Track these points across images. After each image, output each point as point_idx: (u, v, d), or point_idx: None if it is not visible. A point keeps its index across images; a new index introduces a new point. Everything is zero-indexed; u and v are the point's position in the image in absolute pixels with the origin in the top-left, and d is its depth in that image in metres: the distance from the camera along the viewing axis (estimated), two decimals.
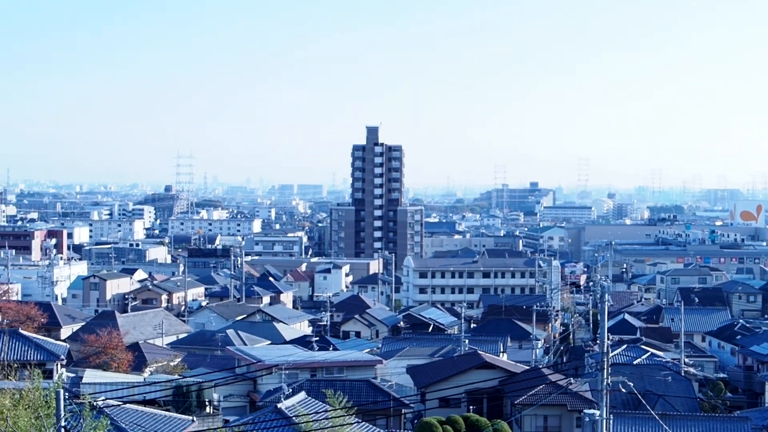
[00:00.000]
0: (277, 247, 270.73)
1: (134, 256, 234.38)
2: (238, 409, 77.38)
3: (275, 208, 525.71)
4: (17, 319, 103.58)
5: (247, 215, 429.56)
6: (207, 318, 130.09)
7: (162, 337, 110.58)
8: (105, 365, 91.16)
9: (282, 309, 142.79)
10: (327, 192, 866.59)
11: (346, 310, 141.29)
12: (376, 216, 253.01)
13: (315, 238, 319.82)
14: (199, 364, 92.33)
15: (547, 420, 71.59)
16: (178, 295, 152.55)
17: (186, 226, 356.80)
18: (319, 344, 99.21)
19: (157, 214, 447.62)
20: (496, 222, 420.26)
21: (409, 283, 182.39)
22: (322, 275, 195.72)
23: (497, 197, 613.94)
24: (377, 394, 71.13)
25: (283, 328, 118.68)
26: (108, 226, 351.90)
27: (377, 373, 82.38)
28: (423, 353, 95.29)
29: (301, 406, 53.31)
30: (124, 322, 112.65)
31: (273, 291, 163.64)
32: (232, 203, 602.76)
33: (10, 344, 77.74)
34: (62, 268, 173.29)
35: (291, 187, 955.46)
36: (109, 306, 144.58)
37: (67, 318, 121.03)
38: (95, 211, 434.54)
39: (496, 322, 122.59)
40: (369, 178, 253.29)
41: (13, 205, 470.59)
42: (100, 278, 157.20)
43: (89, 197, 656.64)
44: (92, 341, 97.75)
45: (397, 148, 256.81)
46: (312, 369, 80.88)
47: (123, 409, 53.75)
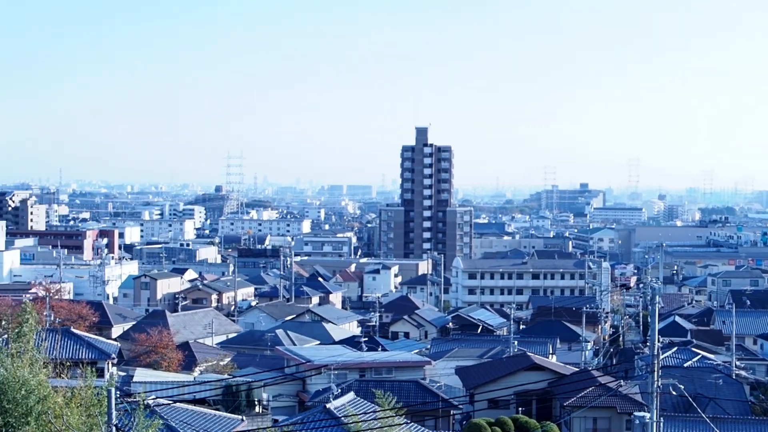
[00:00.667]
0: (326, 247, 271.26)
1: (185, 256, 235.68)
2: (287, 409, 77.55)
3: (325, 208, 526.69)
4: (69, 317, 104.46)
5: (296, 216, 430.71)
6: (256, 318, 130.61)
7: (212, 336, 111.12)
8: (155, 364, 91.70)
9: (331, 309, 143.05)
10: (376, 193, 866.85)
11: (395, 310, 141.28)
12: (426, 217, 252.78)
13: (364, 239, 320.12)
14: (248, 364, 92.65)
15: (597, 422, 71.17)
16: (227, 295, 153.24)
17: (236, 226, 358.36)
18: (368, 345, 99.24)
19: (207, 215, 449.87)
20: (546, 223, 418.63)
21: (458, 284, 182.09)
22: (371, 276, 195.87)
23: (547, 198, 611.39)
24: (426, 394, 71.08)
25: (332, 328, 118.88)
26: (159, 226, 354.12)
27: (426, 373, 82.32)
28: (472, 354, 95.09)
29: (350, 406, 53.35)
30: (174, 321, 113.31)
31: (322, 291, 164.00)
32: (281, 203, 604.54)
33: (63, 343, 78.39)
34: (113, 267, 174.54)
35: (340, 187, 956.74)
36: (159, 305, 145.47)
37: (118, 317, 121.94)
38: (146, 211, 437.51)
39: (545, 323, 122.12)
40: (418, 178, 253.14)
41: (65, 205, 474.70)
42: (151, 278, 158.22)
43: (140, 197, 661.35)
44: (143, 340, 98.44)
45: (446, 149, 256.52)
46: (361, 369, 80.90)
47: (173, 408, 54.04)
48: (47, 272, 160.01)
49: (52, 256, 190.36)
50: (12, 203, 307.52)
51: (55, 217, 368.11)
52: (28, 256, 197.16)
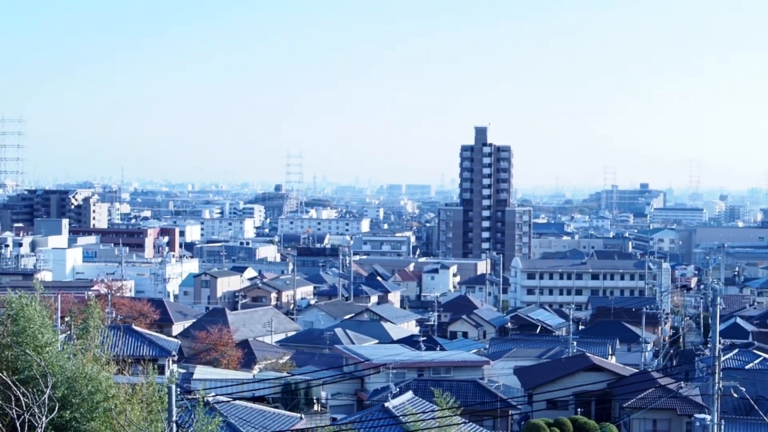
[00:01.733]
0: (385, 246, 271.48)
1: (244, 255, 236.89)
2: (346, 408, 77.78)
3: (383, 207, 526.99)
4: (131, 315, 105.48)
5: (355, 215, 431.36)
6: (315, 316, 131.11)
7: (271, 334, 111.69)
8: (215, 362, 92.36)
9: (390, 308, 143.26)
10: (435, 192, 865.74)
11: (454, 310, 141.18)
12: (484, 216, 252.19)
13: (423, 238, 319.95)
14: (307, 362, 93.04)
15: (656, 424, 70.74)
16: (287, 294, 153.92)
17: (295, 225, 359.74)
18: (427, 344, 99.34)
19: (267, 213, 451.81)
20: (606, 223, 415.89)
21: (516, 284, 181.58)
22: (429, 275, 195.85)
23: (607, 198, 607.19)
24: (484, 394, 71.04)
25: (390, 327, 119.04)
26: (219, 224, 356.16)
27: (484, 373, 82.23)
28: (530, 354, 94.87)
29: (409, 405, 53.42)
30: (234, 319, 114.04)
31: (381, 290, 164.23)
32: (340, 203, 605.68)
33: (124, 340, 79.16)
34: (174, 265, 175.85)
35: (399, 187, 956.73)
36: (219, 303, 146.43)
37: (179, 315, 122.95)
38: (207, 209, 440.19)
39: (604, 324, 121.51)
40: (477, 178, 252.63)
41: (127, 203, 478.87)
42: (211, 276, 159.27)
43: (201, 196, 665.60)
44: (203, 338, 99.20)
45: (505, 149, 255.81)
46: (419, 369, 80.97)
47: (233, 406, 54.45)
48: (109, 270, 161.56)
49: (113, 253, 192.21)
50: (75, 202, 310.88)
51: (117, 216, 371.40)
52: (91, 253, 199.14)
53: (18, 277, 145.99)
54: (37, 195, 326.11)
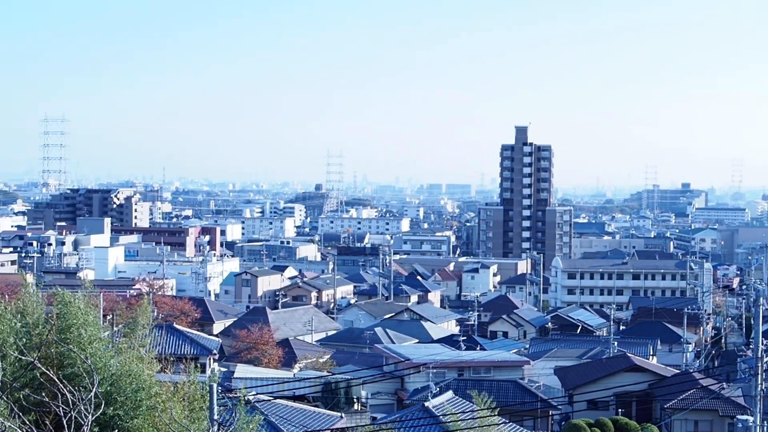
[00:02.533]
0: (425, 246, 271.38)
1: (285, 254, 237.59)
2: (386, 407, 77.88)
3: (423, 207, 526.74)
4: (172, 313, 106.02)
5: (395, 214, 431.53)
6: (356, 315, 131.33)
7: (311, 333, 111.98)
8: (256, 360, 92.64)
9: (430, 308, 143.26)
10: (475, 191, 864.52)
11: (494, 310, 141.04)
12: (525, 216, 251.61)
13: (463, 238, 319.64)
14: (347, 361, 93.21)
15: (698, 425, 70.41)
16: (327, 293, 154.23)
17: (335, 224, 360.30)
18: (467, 344, 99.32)
19: (307, 213, 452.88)
20: (647, 223, 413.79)
21: (557, 283, 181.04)
22: (469, 275, 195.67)
23: (648, 198, 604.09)
24: (525, 394, 70.96)
25: (430, 326, 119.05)
26: (260, 223, 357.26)
27: (525, 373, 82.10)
28: (571, 355, 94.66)
29: (449, 405, 53.44)
30: (274, 318, 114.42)
31: (421, 290, 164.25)
32: (380, 202, 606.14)
33: (166, 338, 79.65)
34: (215, 264, 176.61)
35: (439, 186, 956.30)
36: (260, 302, 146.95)
37: (220, 313, 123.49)
38: (247, 209, 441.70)
39: (645, 324, 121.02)
40: (517, 177, 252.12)
41: (168, 202, 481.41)
42: (252, 275, 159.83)
43: (242, 195, 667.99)
44: (244, 337, 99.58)
45: (546, 148, 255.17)
46: (459, 368, 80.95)
47: (273, 404, 54.66)
48: (150, 268, 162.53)
49: (155, 252, 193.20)
50: (117, 201, 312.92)
51: (159, 215, 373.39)
52: (132, 252, 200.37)
53: (61, 276, 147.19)
54: (80, 194, 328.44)
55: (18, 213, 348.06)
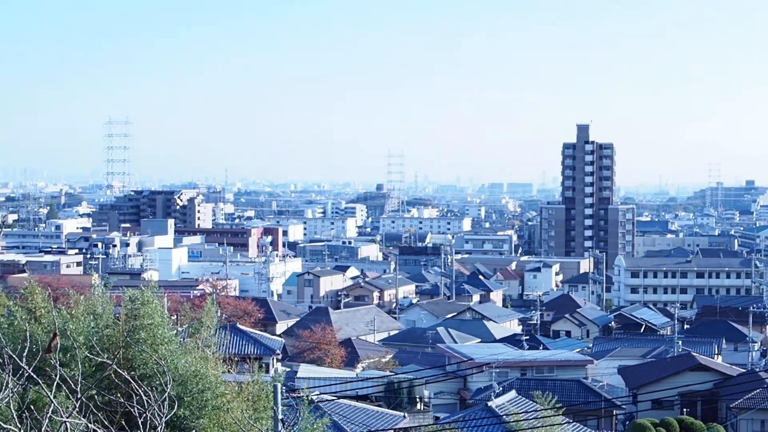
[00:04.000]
0: (486, 245, 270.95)
1: (347, 254, 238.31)
2: (449, 407, 77.91)
3: (485, 206, 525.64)
4: (235, 314, 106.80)
5: (457, 213, 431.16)
6: (418, 315, 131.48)
7: (374, 333, 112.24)
8: (319, 360, 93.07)
9: (492, 307, 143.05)
10: (537, 190, 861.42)
11: (556, 309, 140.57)
12: (587, 215, 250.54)
13: (525, 237, 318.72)
14: (409, 361, 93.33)
15: (765, 425, 69.67)
16: (389, 293, 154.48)
17: (397, 224, 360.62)
18: (529, 343, 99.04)
19: (368, 213, 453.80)
20: (710, 221, 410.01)
21: (620, 282, 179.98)
22: (531, 274, 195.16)
23: (711, 196, 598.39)
24: (588, 394, 70.69)
25: (492, 326, 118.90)
26: (321, 224, 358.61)
27: (588, 373, 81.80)
28: (635, 354, 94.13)
29: (512, 404, 53.43)
30: (337, 318, 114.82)
31: (483, 289, 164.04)
32: (442, 202, 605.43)
33: (230, 339, 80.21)
34: (278, 264, 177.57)
35: (501, 185, 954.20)
36: (322, 302, 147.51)
37: (282, 313, 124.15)
38: (309, 209, 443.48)
39: (710, 323, 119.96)
40: (579, 176, 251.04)
41: (230, 203, 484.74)
42: (314, 275, 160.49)
43: (303, 195, 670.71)
44: (306, 336, 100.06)
45: (608, 146, 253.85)
46: (522, 368, 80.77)
47: (337, 404, 54.91)
48: (214, 269, 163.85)
49: (218, 253, 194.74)
50: (180, 202, 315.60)
51: (221, 216, 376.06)
52: (196, 253, 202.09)
53: (125, 277, 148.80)
54: (144, 196, 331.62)
55: (83, 215, 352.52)
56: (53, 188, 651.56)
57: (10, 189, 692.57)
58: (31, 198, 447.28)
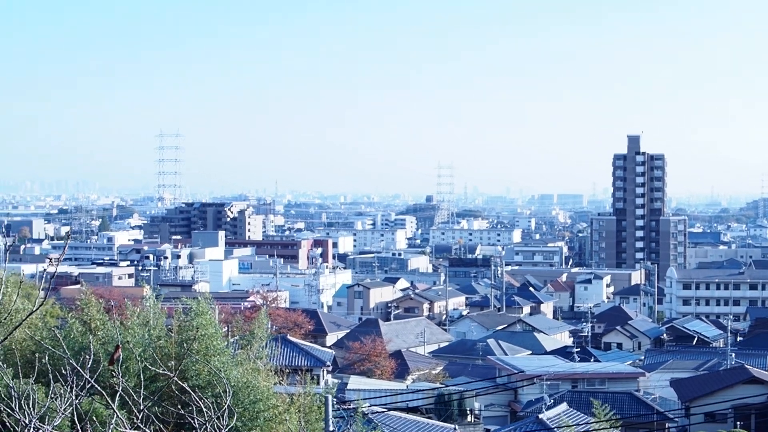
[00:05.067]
0: (537, 257, 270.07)
1: (396, 266, 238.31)
2: (499, 419, 77.69)
3: (535, 217, 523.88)
4: (285, 325, 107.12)
5: (506, 225, 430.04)
6: (468, 327, 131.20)
7: (424, 345, 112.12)
8: (369, 372, 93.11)
9: (542, 319, 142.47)
10: (587, 201, 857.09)
11: (608, 321, 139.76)
12: (638, 226, 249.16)
13: (575, 248, 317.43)
14: (460, 373, 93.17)
15: None
16: (439, 304, 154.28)
17: (447, 235, 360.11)
18: (580, 355, 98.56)
19: (418, 224, 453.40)
20: (764, 232, 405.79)
21: (672, 294, 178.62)
22: (582, 285, 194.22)
23: (764, 207, 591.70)
24: (640, 406, 70.22)
25: (543, 338, 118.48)
26: (371, 235, 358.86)
27: (640, 385, 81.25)
28: (687, 366, 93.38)
29: (563, 417, 53.19)
30: (387, 330, 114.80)
31: (533, 301, 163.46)
32: (492, 213, 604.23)
33: (281, 350, 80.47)
34: (328, 276, 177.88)
35: (551, 196, 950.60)
36: (372, 314, 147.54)
37: (332, 325, 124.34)
38: (359, 221, 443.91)
39: (764, 335, 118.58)
40: (630, 187, 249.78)
41: (281, 215, 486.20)
42: (364, 287, 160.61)
43: (353, 207, 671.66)
44: (357, 348, 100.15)
45: (659, 157, 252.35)
46: (573, 380, 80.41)
47: (387, 416, 54.95)
48: (264, 281, 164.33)
49: (268, 265, 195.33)
50: (231, 214, 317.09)
51: (272, 227, 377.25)
52: (246, 265, 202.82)
53: (176, 289, 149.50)
54: (194, 208, 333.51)
55: (135, 227, 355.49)
56: (105, 201, 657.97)
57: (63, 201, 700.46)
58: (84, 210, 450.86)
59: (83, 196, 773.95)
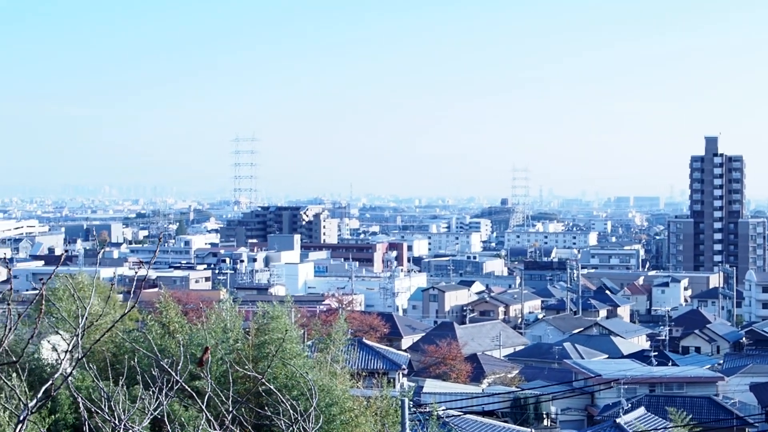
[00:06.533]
0: (613, 260, 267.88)
1: (471, 269, 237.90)
2: (576, 423, 77.31)
3: (611, 220, 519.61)
4: (361, 328, 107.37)
5: (582, 228, 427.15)
6: (543, 330, 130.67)
7: (499, 348, 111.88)
8: (444, 375, 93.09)
9: (619, 323, 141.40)
10: (664, 204, 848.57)
11: (685, 324, 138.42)
12: (716, 228, 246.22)
13: (652, 251, 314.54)
14: (536, 377, 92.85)
15: None
16: (514, 308, 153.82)
17: (522, 238, 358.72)
18: (658, 359, 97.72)
19: (493, 227, 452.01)
20: None
21: (751, 297, 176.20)
22: (659, 289, 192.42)
23: None
24: (719, 411, 69.46)
25: (620, 341, 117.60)
26: (446, 238, 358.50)
27: (718, 390, 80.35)
28: (767, 371, 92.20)
29: (640, 421, 52.85)
30: (462, 333, 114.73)
31: (610, 304, 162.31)
32: (567, 216, 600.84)
33: (357, 353, 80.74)
34: (402, 279, 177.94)
35: (627, 199, 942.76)
36: (447, 317, 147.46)
37: (408, 328, 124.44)
38: (434, 224, 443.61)
39: None
40: (708, 189, 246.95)
41: (355, 218, 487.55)
42: (439, 290, 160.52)
43: (427, 210, 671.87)
44: (432, 351, 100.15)
45: (737, 159, 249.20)
46: (651, 384, 79.75)
47: (463, 419, 54.94)
48: (339, 284, 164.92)
49: (344, 268, 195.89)
50: (306, 218, 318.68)
51: (347, 231, 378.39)
52: (322, 268, 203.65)
53: (253, 292, 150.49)
54: (270, 211, 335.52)
55: (211, 231, 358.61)
56: (182, 205, 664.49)
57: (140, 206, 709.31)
58: (161, 214, 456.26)
59: (161, 201, 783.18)
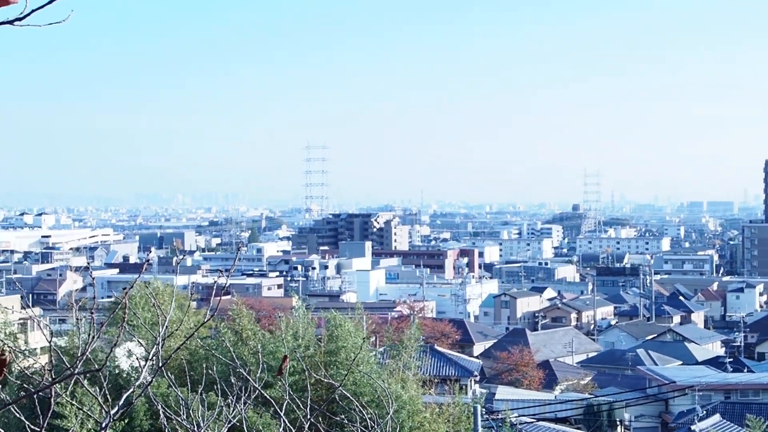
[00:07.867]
0: (686, 265, 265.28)
1: (543, 275, 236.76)
2: (650, 430, 76.75)
3: (684, 225, 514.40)
4: (433, 335, 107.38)
5: (655, 233, 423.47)
6: (616, 337, 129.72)
7: (572, 355, 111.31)
8: (516, 382, 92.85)
9: (693, 329, 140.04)
10: (738, 209, 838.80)
11: (761, 330, 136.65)
12: None
13: (726, 257, 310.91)
14: (609, 383, 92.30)
15: None
16: (587, 314, 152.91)
17: (594, 244, 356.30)
18: (733, 365, 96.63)
19: (564, 233, 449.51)
20: None
21: None
22: (734, 294, 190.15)
23: None
24: None
25: (694, 348, 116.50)
26: (517, 245, 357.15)
27: None
28: None
29: (716, 428, 52.35)
30: (534, 339, 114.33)
31: (683, 310, 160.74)
32: (639, 221, 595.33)
33: (429, 360, 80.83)
34: (474, 286, 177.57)
35: (700, 204, 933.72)
36: (519, 324, 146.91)
37: (479, 335, 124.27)
38: (505, 230, 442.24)
39: None
40: None
41: (426, 225, 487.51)
42: (511, 296, 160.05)
43: (498, 217, 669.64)
44: (504, 358, 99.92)
45: None
46: (726, 391, 78.87)
47: (535, 426, 54.81)
48: (411, 291, 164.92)
49: (415, 275, 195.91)
50: (377, 224, 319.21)
51: (418, 238, 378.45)
52: (393, 275, 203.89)
53: (324, 299, 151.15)
54: (341, 219, 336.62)
55: (283, 238, 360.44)
56: (254, 212, 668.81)
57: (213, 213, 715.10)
58: (233, 222, 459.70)
59: (233, 208, 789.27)
